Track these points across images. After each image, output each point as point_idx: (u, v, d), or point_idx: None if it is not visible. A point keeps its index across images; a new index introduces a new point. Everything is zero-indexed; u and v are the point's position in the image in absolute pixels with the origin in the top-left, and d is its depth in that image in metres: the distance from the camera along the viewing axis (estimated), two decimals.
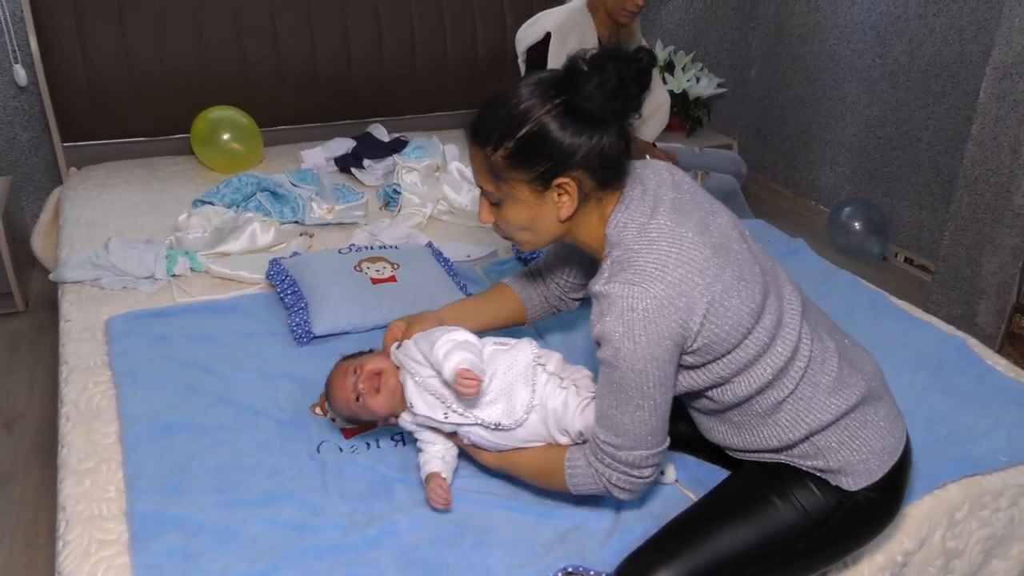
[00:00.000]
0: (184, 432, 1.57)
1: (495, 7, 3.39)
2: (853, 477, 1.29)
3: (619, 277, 1.18)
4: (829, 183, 3.95)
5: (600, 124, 1.19)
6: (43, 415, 2.48)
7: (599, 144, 1.19)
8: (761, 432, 1.31)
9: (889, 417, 1.34)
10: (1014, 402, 1.75)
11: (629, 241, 1.22)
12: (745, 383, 1.26)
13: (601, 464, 1.27)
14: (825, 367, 1.30)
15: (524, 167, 1.22)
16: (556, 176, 1.21)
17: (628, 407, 1.21)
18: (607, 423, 1.24)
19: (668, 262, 1.18)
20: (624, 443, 1.23)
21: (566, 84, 1.19)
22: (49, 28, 2.81)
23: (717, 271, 1.20)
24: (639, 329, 1.16)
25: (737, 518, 1.29)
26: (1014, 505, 1.59)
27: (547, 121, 1.19)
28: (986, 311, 2.73)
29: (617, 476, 1.27)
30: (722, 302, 1.20)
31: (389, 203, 2.69)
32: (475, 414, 1.38)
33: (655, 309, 1.15)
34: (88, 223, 2.51)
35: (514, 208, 1.27)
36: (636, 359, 1.17)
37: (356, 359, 1.52)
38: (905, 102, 3.45)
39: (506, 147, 1.21)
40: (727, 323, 1.20)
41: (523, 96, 1.21)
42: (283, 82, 3.14)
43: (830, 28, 3.76)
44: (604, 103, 1.17)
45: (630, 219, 1.24)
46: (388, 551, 1.32)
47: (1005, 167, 2.56)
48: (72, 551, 1.31)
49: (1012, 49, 2.47)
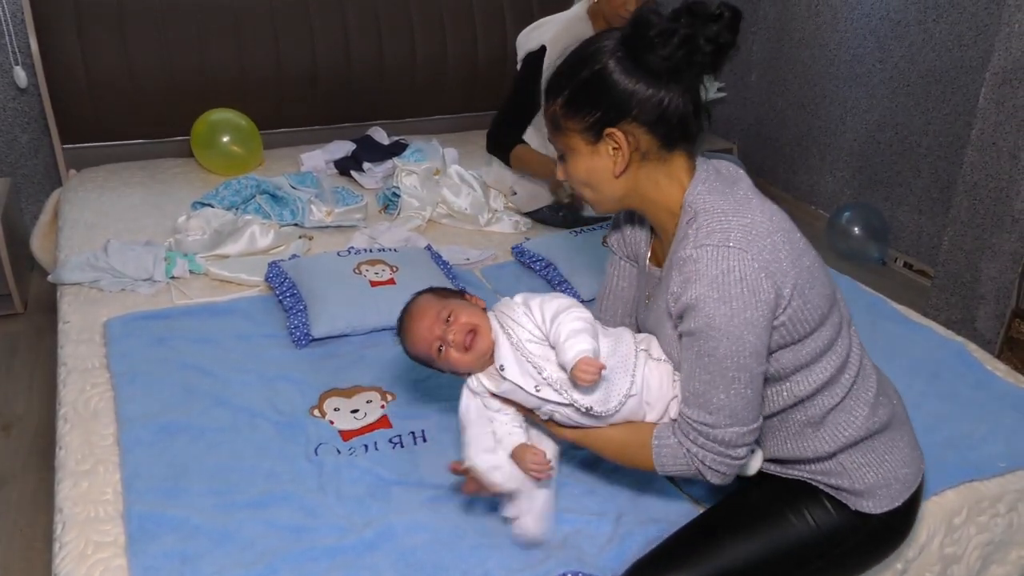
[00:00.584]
0: (182, 434, 1.57)
1: (495, 10, 3.40)
2: (874, 501, 1.27)
3: (710, 240, 1.13)
4: (829, 188, 3.95)
5: (660, 77, 1.14)
6: (41, 417, 2.48)
7: (657, 98, 1.15)
8: (799, 441, 1.28)
9: (911, 445, 1.33)
10: (1013, 408, 1.75)
11: (716, 205, 1.17)
12: (805, 381, 1.22)
13: (694, 445, 1.20)
14: (867, 382, 1.28)
15: (577, 116, 1.20)
16: (607, 126, 1.18)
17: (723, 380, 1.14)
18: (699, 400, 1.18)
19: (761, 227, 1.14)
20: (719, 420, 1.17)
21: (631, 35, 1.15)
22: (50, 30, 2.82)
23: (803, 248, 1.19)
24: (735, 292, 1.10)
25: (749, 531, 1.27)
26: (1012, 511, 1.59)
27: (601, 68, 1.16)
28: (985, 316, 2.73)
29: (712, 457, 1.20)
30: (808, 278, 1.17)
31: (388, 206, 2.69)
32: (571, 394, 1.27)
33: (752, 272, 1.10)
34: (87, 225, 2.51)
35: (573, 161, 1.24)
36: (732, 325, 1.11)
37: (448, 301, 1.37)
38: (905, 107, 3.46)
39: (564, 95, 1.20)
40: (809, 302, 1.16)
41: (585, 47, 1.20)
42: (283, 85, 3.14)
43: (830, 33, 3.76)
44: (667, 56, 1.12)
45: (713, 187, 1.20)
46: (386, 554, 1.32)
47: (1004, 172, 2.56)
48: (69, 553, 1.31)
49: (1011, 55, 2.47)
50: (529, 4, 3.44)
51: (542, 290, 2.18)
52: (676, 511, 1.43)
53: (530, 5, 3.44)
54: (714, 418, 1.17)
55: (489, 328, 1.32)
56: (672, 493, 1.49)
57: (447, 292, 1.42)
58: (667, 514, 1.42)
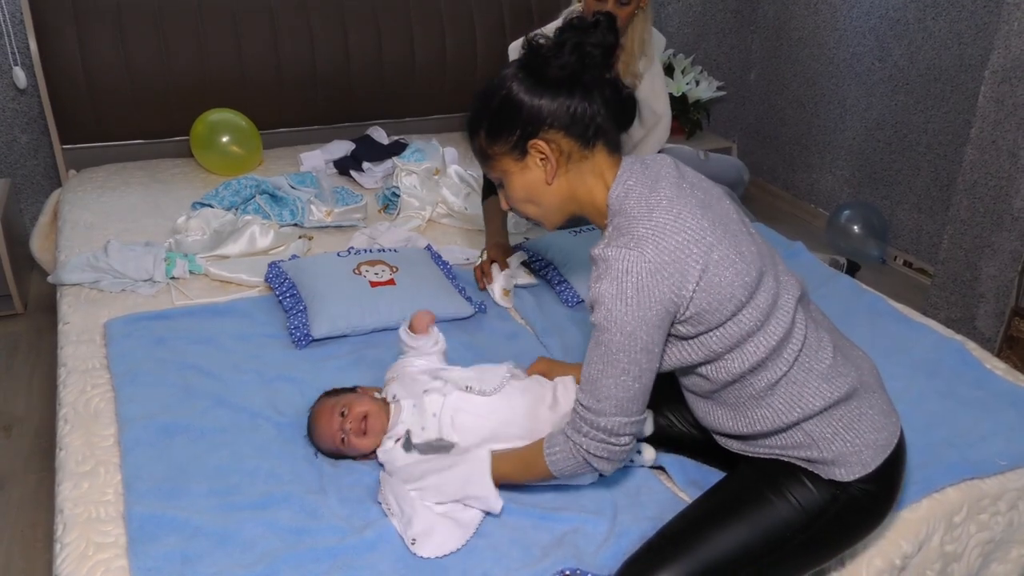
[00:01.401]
0: (182, 435, 1.57)
1: (494, 10, 3.40)
2: (846, 468, 1.29)
3: (616, 242, 1.22)
4: (828, 186, 3.96)
5: (562, 85, 1.26)
6: (41, 417, 2.48)
7: (565, 104, 1.26)
8: (754, 413, 1.32)
9: (883, 411, 1.35)
10: (1013, 406, 1.75)
11: (630, 209, 1.25)
12: (738, 360, 1.28)
13: (578, 434, 1.28)
14: (819, 355, 1.31)
15: (500, 140, 1.31)
16: (529, 139, 1.28)
17: (614, 370, 1.23)
18: (591, 387, 1.26)
19: (665, 228, 1.21)
20: (605, 408, 1.25)
21: (530, 55, 1.28)
22: (49, 31, 2.82)
23: (713, 241, 1.23)
24: (631, 291, 1.19)
25: (733, 517, 1.29)
26: (1013, 509, 1.59)
27: (508, 91, 1.28)
28: (985, 315, 2.73)
29: (595, 445, 1.28)
30: (716, 272, 1.22)
31: (388, 206, 2.69)
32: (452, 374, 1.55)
33: (648, 273, 1.19)
34: (87, 225, 2.51)
35: (510, 183, 1.35)
36: (626, 321, 1.20)
37: (340, 397, 1.56)
38: (904, 105, 3.46)
39: (484, 127, 1.32)
40: (720, 292, 1.22)
41: (491, 80, 1.32)
42: (282, 85, 3.14)
43: (829, 31, 3.76)
44: (563, 65, 1.24)
45: (631, 189, 1.27)
46: (385, 555, 1.32)
47: (1004, 171, 2.56)
48: (70, 554, 1.31)
49: (1011, 53, 2.47)
50: (527, 4, 3.44)
51: (542, 289, 2.19)
52: (672, 508, 1.43)
53: (528, 5, 3.44)
54: (601, 405, 1.26)
55: (379, 409, 1.52)
56: (667, 491, 1.50)
57: (338, 390, 1.61)
58: (663, 511, 1.42)
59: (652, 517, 1.41)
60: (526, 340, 1.99)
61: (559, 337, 1.97)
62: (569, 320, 2.05)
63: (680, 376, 1.40)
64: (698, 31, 4.13)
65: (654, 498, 1.47)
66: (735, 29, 4.19)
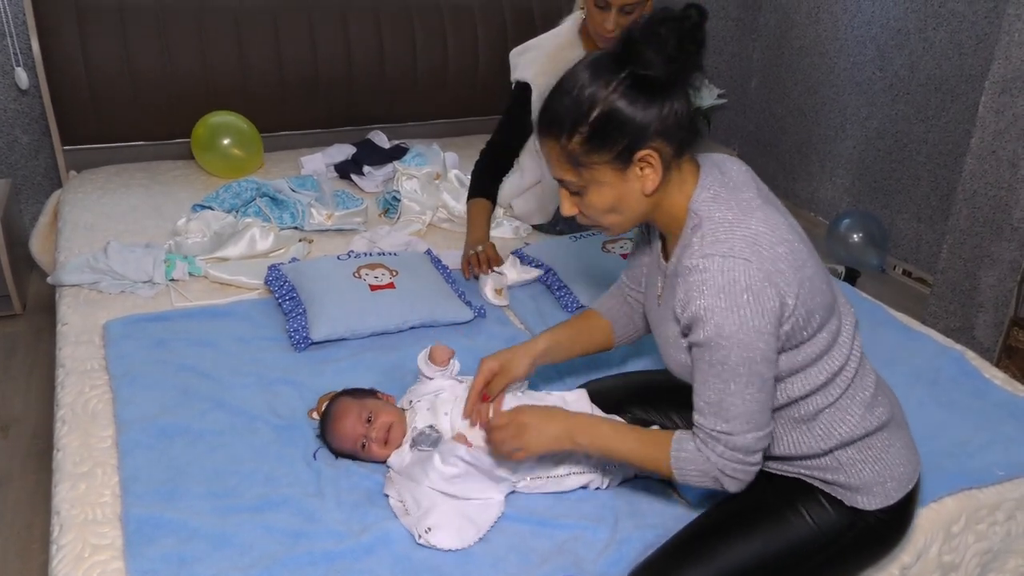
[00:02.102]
0: (180, 437, 1.57)
1: (496, 15, 3.40)
2: (869, 497, 1.28)
3: (714, 249, 1.15)
4: (828, 195, 3.96)
5: (667, 89, 1.16)
6: (39, 419, 2.48)
7: (671, 109, 1.17)
8: (791, 437, 1.29)
9: (908, 446, 1.34)
10: (1011, 416, 1.75)
11: (720, 215, 1.18)
12: (799, 384, 1.24)
13: (714, 453, 1.21)
14: (864, 382, 1.29)
15: (603, 149, 1.18)
16: (637, 150, 1.18)
17: (737, 387, 1.16)
18: (714, 409, 1.19)
19: (765, 238, 1.16)
20: (737, 427, 1.18)
21: (626, 57, 1.15)
22: (51, 31, 2.82)
23: (806, 255, 1.19)
24: (742, 301, 1.12)
25: (748, 530, 1.28)
26: (1011, 519, 1.59)
27: (616, 98, 1.15)
28: (984, 324, 2.73)
29: (732, 466, 1.21)
30: (810, 286, 1.18)
31: (389, 210, 2.69)
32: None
33: (759, 281, 1.12)
34: (87, 226, 2.51)
35: (598, 192, 1.23)
36: (743, 333, 1.13)
37: (365, 402, 1.54)
38: (905, 115, 3.46)
39: (580, 133, 1.18)
40: (810, 309, 1.18)
41: (585, 79, 1.18)
42: (284, 88, 3.15)
43: (830, 41, 3.77)
44: (667, 66, 1.14)
45: (717, 195, 1.21)
46: (383, 559, 1.32)
47: (1004, 181, 2.57)
48: (66, 556, 1.31)
49: (1011, 63, 2.48)
50: (530, 9, 3.45)
51: (541, 294, 2.19)
52: (673, 515, 1.43)
53: (530, 10, 3.44)
54: (731, 425, 1.19)
55: (401, 419, 1.53)
56: (669, 498, 1.49)
57: (361, 393, 1.60)
58: (664, 519, 1.42)
59: (653, 525, 1.40)
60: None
61: None
62: None
63: None
64: None
65: (655, 506, 1.46)
66: (736, 37, 4.20)
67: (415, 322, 2.00)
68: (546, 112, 1.22)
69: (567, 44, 2.31)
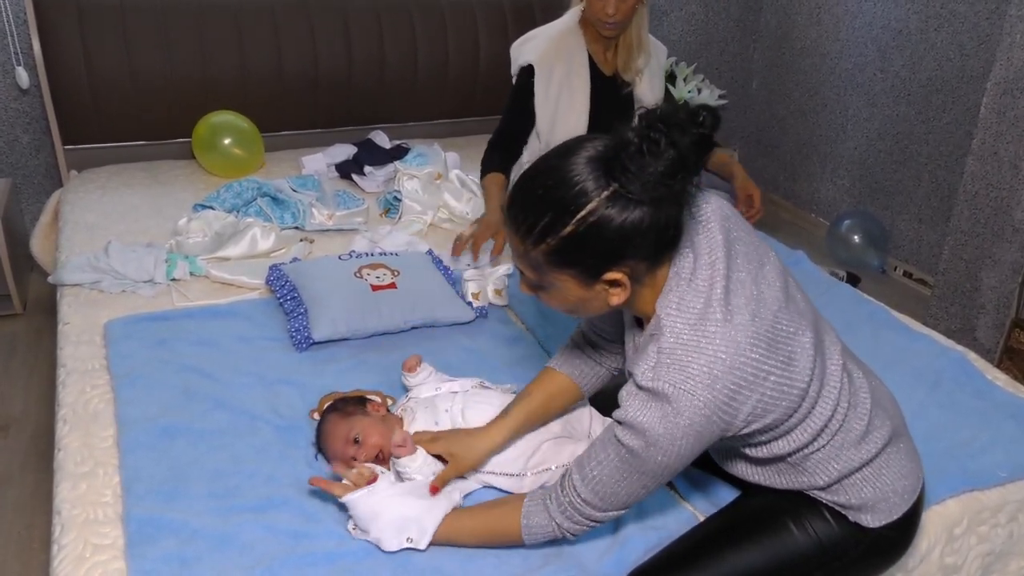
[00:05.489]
0: (182, 437, 1.57)
1: (497, 14, 3.40)
2: (872, 514, 1.27)
3: (667, 377, 1.09)
4: (829, 196, 3.96)
5: (653, 206, 1.03)
6: (40, 418, 2.47)
7: (653, 224, 1.04)
8: (789, 476, 1.28)
9: (910, 456, 1.32)
10: (1013, 417, 1.74)
11: (679, 332, 1.10)
12: (783, 444, 1.22)
13: (565, 519, 1.23)
14: (857, 412, 1.25)
15: (567, 265, 1.09)
16: (606, 272, 1.08)
17: (634, 486, 1.16)
18: (598, 487, 1.18)
19: (720, 368, 1.08)
20: (607, 507, 1.20)
21: (613, 166, 1.02)
22: (52, 31, 2.82)
23: (769, 366, 1.12)
24: (680, 433, 1.09)
25: (749, 541, 1.27)
26: (1013, 521, 1.59)
27: (594, 218, 1.03)
28: (985, 325, 2.73)
29: (580, 529, 1.25)
30: (771, 397, 1.13)
31: (390, 210, 2.69)
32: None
33: (702, 419, 1.09)
34: (88, 226, 2.51)
35: (557, 295, 1.15)
36: (668, 455, 1.11)
37: (352, 420, 1.50)
38: (906, 116, 3.46)
39: (547, 243, 1.07)
40: (773, 414, 1.15)
41: (564, 186, 1.04)
42: (285, 87, 3.15)
43: (831, 42, 3.77)
44: (660, 183, 1.01)
45: (682, 304, 1.12)
46: (384, 560, 1.32)
47: (1005, 182, 2.57)
48: (67, 556, 1.30)
49: (1013, 65, 2.47)
50: (530, 8, 3.44)
51: None
52: (676, 518, 1.43)
53: (531, 9, 3.44)
54: (604, 503, 1.20)
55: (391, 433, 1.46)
56: (672, 501, 1.49)
57: (350, 408, 1.54)
58: (666, 522, 1.42)
59: (656, 527, 1.40)
60: (527, 345, 1.98)
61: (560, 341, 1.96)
62: (570, 325, 2.04)
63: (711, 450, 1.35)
64: (701, 40, 4.14)
65: (658, 508, 1.46)
66: (737, 38, 4.20)
67: (416, 322, 1.99)
68: (515, 205, 1.10)
69: (568, 31, 2.32)
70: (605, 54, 2.35)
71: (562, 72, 2.28)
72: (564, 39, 2.31)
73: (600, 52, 2.34)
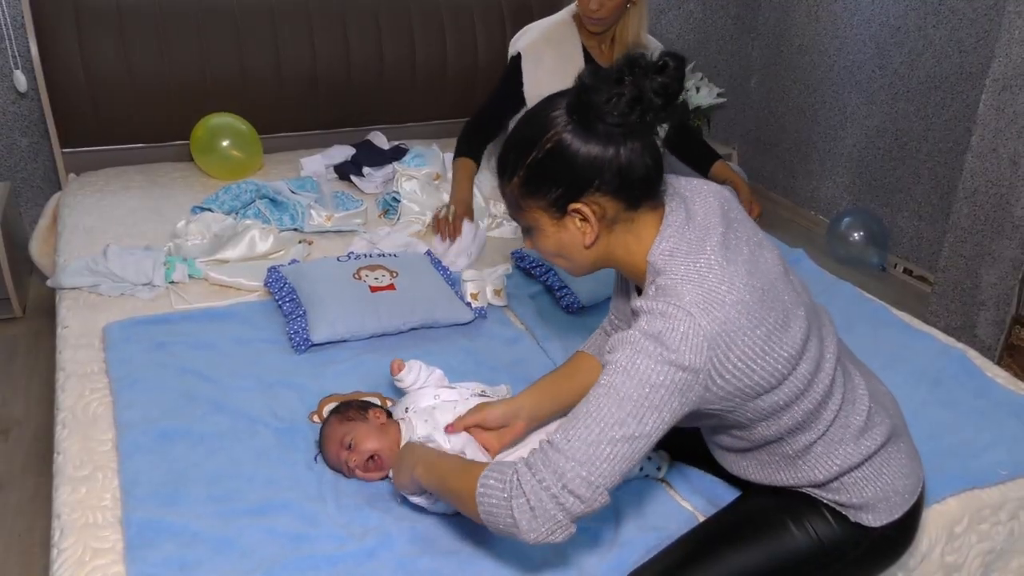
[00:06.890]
0: (181, 440, 1.56)
1: (495, 15, 3.40)
2: (874, 514, 1.26)
3: (666, 299, 1.10)
4: (828, 193, 3.96)
5: (615, 140, 1.10)
6: (39, 422, 2.47)
7: (617, 162, 1.11)
8: (788, 472, 1.28)
9: (910, 455, 1.32)
10: (1014, 415, 1.74)
11: (675, 270, 1.13)
12: (775, 426, 1.21)
13: (527, 469, 1.11)
14: (856, 408, 1.26)
15: (537, 195, 1.16)
16: (571, 202, 1.14)
17: (611, 424, 1.08)
18: (569, 422, 1.11)
19: (717, 299, 1.09)
20: (573, 450, 1.09)
21: (578, 101, 1.11)
22: (50, 34, 2.81)
23: (763, 314, 1.12)
24: (673, 347, 1.07)
25: (750, 541, 1.27)
26: (1014, 519, 1.59)
27: (555, 144, 1.12)
28: (985, 323, 2.72)
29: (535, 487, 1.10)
30: (760, 350, 1.12)
31: (388, 211, 2.68)
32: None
33: (696, 341, 1.07)
34: (87, 229, 2.50)
35: (541, 236, 1.22)
36: (655, 374, 1.07)
37: (348, 425, 1.49)
38: (905, 113, 3.46)
39: (519, 175, 1.16)
40: (764, 368, 1.13)
41: (533, 121, 1.16)
42: (283, 89, 3.14)
43: (830, 39, 3.76)
44: (620, 118, 1.08)
45: (676, 248, 1.15)
46: (385, 562, 1.32)
47: (1005, 179, 2.56)
48: (67, 559, 1.30)
49: (1012, 61, 2.47)
50: (528, 8, 3.44)
51: (541, 294, 2.18)
52: (676, 519, 1.43)
53: (529, 9, 3.44)
54: (571, 445, 1.09)
55: (389, 441, 1.47)
56: (672, 501, 1.49)
57: (352, 412, 1.54)
58: (667, 522, 1.42)
59: (656, 527, 1.40)
60: (526, 345, 1.98)
61: (560, 342, 1.96)
62: (570, 325, 2.05)
63: (706, 434, 1.35)
64: (699, 37, 4.13)
65: (657, 508, 1.46)
66: (735, 36, 4.20)
67: (415, 323, 1.99)
68: (504, 149, 1.21)
69: (562, 23, 2.42)
70: (600, 47, 2.42)
71: (553, 59, 2.34)
72: (556, 29, 2.39)
73: (596, 47, 2.42)
